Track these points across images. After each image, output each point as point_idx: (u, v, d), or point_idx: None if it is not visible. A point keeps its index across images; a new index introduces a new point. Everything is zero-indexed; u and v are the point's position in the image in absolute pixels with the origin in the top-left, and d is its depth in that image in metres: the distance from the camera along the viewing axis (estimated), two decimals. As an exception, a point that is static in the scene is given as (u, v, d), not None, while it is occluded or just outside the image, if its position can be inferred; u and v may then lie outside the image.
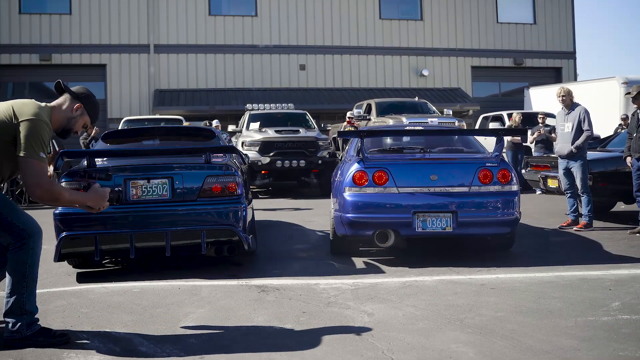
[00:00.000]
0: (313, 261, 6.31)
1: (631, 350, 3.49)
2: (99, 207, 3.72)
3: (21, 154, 3.44)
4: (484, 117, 18.94)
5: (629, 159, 7.78)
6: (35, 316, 3.71)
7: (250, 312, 4.43)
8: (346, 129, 14.02)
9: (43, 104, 3.67)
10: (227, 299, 4.79)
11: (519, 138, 13.75)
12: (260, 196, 13.51)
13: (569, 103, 8.21)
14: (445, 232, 5.86)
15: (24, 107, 3.55)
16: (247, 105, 16.50)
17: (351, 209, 5.91)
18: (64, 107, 3.73)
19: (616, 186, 8.58)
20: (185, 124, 15.50)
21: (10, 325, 3.63)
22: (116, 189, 3.82)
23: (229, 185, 5.55)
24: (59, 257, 5.32)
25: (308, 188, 14.45)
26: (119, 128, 14.13)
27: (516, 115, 14.39)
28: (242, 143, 13.20)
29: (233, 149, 6.26)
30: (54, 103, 3.75)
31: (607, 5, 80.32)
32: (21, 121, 3.47)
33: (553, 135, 11.70)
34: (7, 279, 3.64)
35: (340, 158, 9.44)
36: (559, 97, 8.26)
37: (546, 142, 13.30)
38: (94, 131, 14.15)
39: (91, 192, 3.70)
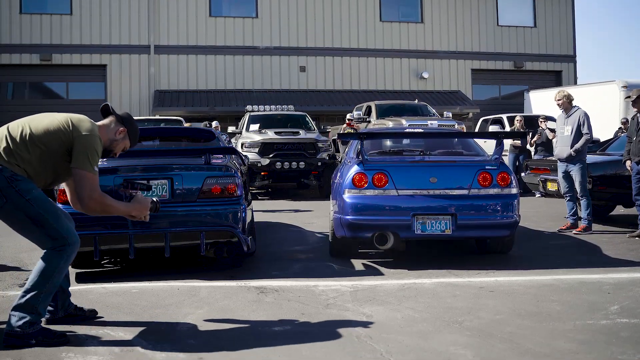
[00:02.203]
0: (312, 263, 6.31)
1: (630, 353, 3.50)
2: (141, 216, 3.94)
3: (77, 167, 3.65)
4: (483, 120, 18.94)
5: (628, 163, 7.78)
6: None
7: (249, 313, 4.43)
8: (346, 131, 14.03)
9: (94, 122, 3.85)
10: (226, 300, 4.79)
11: (519, 141, 13.77)
12: (259, 197, 13.50)
13: (567, 106, 8.22)
14: (444, 234, 5.86)
15: (82, 122, 3.75)
16: (247, 106, 16.46)
17: (350, 211, 5.91)
18: (109, 128, 3.92)
19: (615, 190, 8.58)
20: (186, 125, 15.48)
21: (14, 319, 3.66)
22: (154, 199, 4.05)
23: (228, 187, 5.55)
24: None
25: (307, 190, 14.45)
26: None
27: (517, 122, 14.39)
28: (242, 144, 13.19)
29: (233, 150, 6.26)
30: (100, 123, 3.92)
31: (608, 8, 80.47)
32: (80, 135, 3.68)
33: (552, 133, 11.71)
34: (32, 275, 3.73)
35: (339, 160, 9.44)
36: (556, 101, 8.27)
37: (546, 146, 13.30)
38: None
39: (135, 203, 3.93)
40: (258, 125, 14.26)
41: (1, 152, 3.61)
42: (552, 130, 12.68)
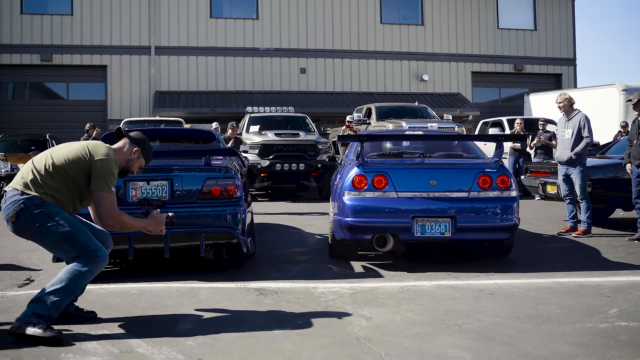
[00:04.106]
0: (312, 265, 6.31)
1: (628, 357, 3.50)
2: (157, 230, 4.18)
3: (95, 188, 3.94)
4: (483, 123, 18.94)
5: (628, 166, 7.79)
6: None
7: (248, 314, 4.43)
8: (346, 133, 14.04)
9: (109, 146, 4.15)
10: (225, 302, 4.79)
11: (519, 144, 13.77)
12: (259, 199, 13.50)
13: (568, 110, 8.22)
14: (444, 237, 5.86)
15: (98, 148, 4.04)
16: (247, 108, 16.47)
17: (350, 213, 5.91)
18: (124, 150, 4.18)
19: (615, 193, 8.59)
20: (187, 126, 15.50)
21: (26, 309, 3.83)
22: (169, 213, 4.24)
23: (228, 188, 5.55)
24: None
25: (307, 191, 14.45)
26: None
27: (517, 125, 14.39)
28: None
29: (233, 152, 6.26)
30: (115, 146, 4.20)
31: (608, 12, 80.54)
32: (96, 159, 3.96)
33: (553, 142, 11.71)
34: (58, 275, 3.94)
35: (339, 162, 9.45)
36: (558, 103, 8.27)
37: (546, 148, 13.31)
38: (94, 132, 14.16)
39: (151, 218, 4.17)
40: (258, 126, 14.27)
41: (29, 183, 3.92)
42: (551, 138, 12.68)
